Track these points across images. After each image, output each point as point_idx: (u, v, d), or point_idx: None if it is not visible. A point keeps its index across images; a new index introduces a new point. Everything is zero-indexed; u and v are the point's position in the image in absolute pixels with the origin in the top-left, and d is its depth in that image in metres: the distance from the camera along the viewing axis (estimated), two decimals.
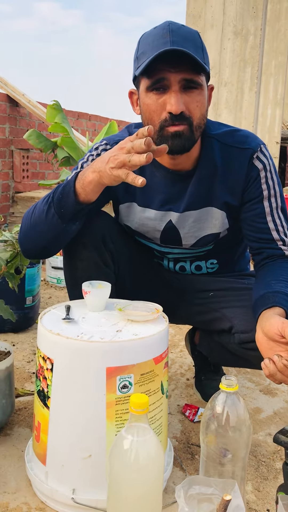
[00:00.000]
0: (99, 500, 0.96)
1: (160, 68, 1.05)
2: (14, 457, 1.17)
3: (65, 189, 1.10)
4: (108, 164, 1.01)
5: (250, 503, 1.07)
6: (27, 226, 1.18)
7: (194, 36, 1.08)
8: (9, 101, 3.80)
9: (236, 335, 1.22)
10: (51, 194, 1.13)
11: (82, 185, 1.08)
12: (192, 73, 1.06)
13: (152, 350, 0.99)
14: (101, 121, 5.22)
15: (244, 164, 1.19)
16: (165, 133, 1.10)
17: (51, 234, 1.15)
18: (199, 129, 1.13)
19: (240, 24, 4.07)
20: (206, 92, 1.13)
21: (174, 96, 1.06)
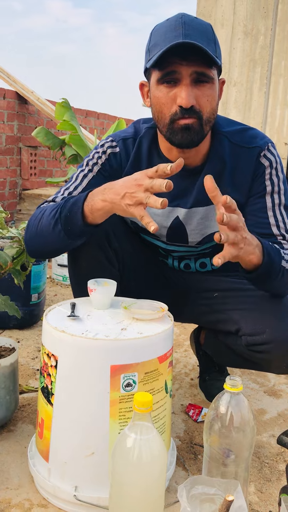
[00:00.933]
0: (101, 497, 0.96)
1: (171, 61, 1.05)
2: (17, 453, 1.17)
3: (73, 208, 1.08)
4: (124, 199, 0.99)
5: (253, 504, 1.06)
6: (33, 231, 1.17)
7: (207, 29, 1.08)
8: (18, 98, 3.81)
9: (243, 338, 1.21)
10: (59, 209, 1.11)
11: (90, 210, 1.06)
12: (204, 67, 1.06)
13: (156, 349, 0.99)
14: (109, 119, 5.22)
15: (251, 162, 1.20)
16: (175, 126, 1.10)
17: (56, 245, 1.16)
18: (208, 123, 1.12)
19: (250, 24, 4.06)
20: (217, 86, 1.13)
21: (185, 89, 1.06)
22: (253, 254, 1.03)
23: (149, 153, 1.25)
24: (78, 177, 1.24)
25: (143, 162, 1.25)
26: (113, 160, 1.25)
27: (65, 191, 1.23)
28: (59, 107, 3.07)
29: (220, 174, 1.21)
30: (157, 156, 1.25)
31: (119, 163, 1.25)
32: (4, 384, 1.20)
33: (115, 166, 1.25)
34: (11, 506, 1.00)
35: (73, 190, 1.22)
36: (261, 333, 1.15)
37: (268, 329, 1.14)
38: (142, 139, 1.25)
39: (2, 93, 3.62)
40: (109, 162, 1.25)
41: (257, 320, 1.18)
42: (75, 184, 1.23)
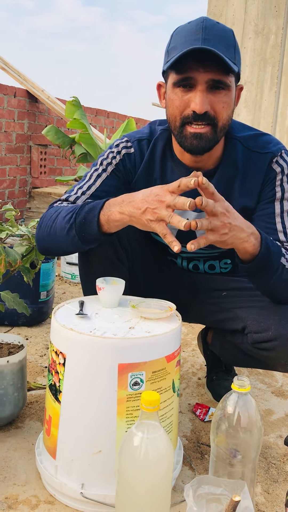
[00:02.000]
0: (107, 495, 0.96)
1: (188, 65, 1.05)
2: (25, 449, 1.18)
3: (88, 215, 1.08)
4: (145, 215, 0.98)
5: (259, 505, 1.06)
6: (46, 231, 1.17)
7: (228, 35, 1.07)
8: (29, 96, 3.83)
9: (249, 335, 1.21)
10: (74, 214, 1.10)
11: (107, 220, 1.06)
12: (221, 74, 1.05)
13: (164, 348, 0.99)
14: (119, 118, 5.22)
15: (263, 168, 1.19)
16: (184, 131, 1.11)
17: (69, 248, 1.16)
18: (223, 130, 1.12)
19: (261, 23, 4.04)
20: (234, 92, 1.12)
21: (200, 95, 1.06)
22: (246, 242, 1.02)
23: (162, 156, 1.25)
24: (92, 176, 1.24)
25: (157, 164, 1.25)
26: (127, 161, 1.25)
27: (79, 190, 1.23)
28: (69, 106, 3.08)
29: (232, 179, 1.21)
30: (171, 159, 1.24)
31: (133, 164, 1.25)
32: (12, 381, 1.21)
33: (128, 167, 1.25)
34: (18, 502, 1.01)
35: (87, 189, 1.22)
36: (266, 331, 1.15)
37: (273, 326, 1.14)
38: (156, 141, 1.25)
39: (12, 91, 3.64)
40: (123, 162, 1.25)
41: (263, 317, 1.17)
42: (88, 183, 1.23)
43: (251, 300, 1.24)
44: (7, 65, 3.98)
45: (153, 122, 1.31)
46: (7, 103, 3.58)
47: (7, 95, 3.58)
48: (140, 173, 1.25)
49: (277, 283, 1.11)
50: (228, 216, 0.98)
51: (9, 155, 3.69)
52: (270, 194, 1.19)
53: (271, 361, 1.19)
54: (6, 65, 3.98)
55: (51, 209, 1.19)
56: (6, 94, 3.56)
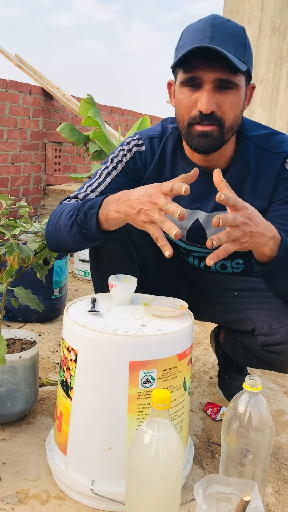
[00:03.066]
0: (117, 492, 0.97)
1: (195, 64, 1.03)
2: (36, 445, 1.18)
3: (88, 213, 1.07)
4: (139, 215, 0.96)
5: (270, 505, 1.05)
6: (52, 228, 1.17)
7: (238, 33, 1.05)
8: (44, 94, 3.84)
9: (258, 337, 1.20)
10: (76, 211, 1.09)
11: (105, 218, 1.05)
12: (228, 73, 1.03)
13: (176, 346, 0.99)
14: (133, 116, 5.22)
15: (276, 168, 1.17)
16: (192, 131, 1.10)
17: (73, 245, 1.16)
18: (231, 130, 1.11)
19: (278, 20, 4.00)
20: (244, 92, 1.10)
21: (206, 95, 1.04)
22: (265, 246, 0.99)
23: (173, 154, 1.24)
24: (102, 174, 1.24)
25: (167, 163, 1.24)
26: (137, 159, 1.24)
27: (88, 188, 1.23)
28: (83, 103, 3.09)
29: (244, 179, 1.19)
30: (181, 158, 1.24)
31: (144, 162, 1.25)
32: (24, 377, 1.22)
33: (139, 165, 1.24)
34: (29, 497, 1.01)
35: (96, 187, 1.22)
36: (276, 333, 1.14)
37: (283, 329, 1.13)
38: (167, 139, 1.25)
39: (28, 89, 3.66)
40: (134, 160, 1.24)
41: (273, 320, 1.16)
42: (98, 181, 1.23)
43: (262, 301, 1.23)
44: (23, 63, 4.00)
45: (165, 120, 1.30)
46: (22, 100, 3.60)
47: (23, 92, 3.60)
48: (151, 171, 1.24)
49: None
50: (250, 224, 0.93)
51: (24, 152, 3.71)
52: (283, 195, 1.17)
53: (280, 364, 1.18)
54: (22, 63, 4.00)
55: (58, 206, 1.20)
56: (21, 91, 3.58)
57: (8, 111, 3.47)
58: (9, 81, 3.45)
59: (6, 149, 3.50)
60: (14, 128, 3.56)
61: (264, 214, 1.20)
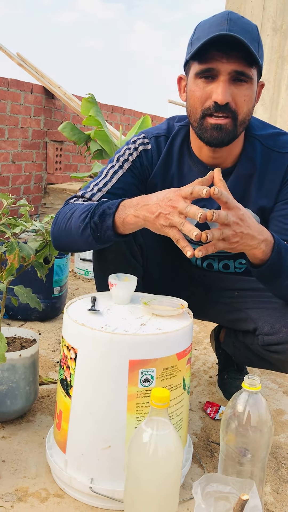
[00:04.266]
0: (116, 490, 0.97)
1: (212, 56, 1.04)
2: (35, 443, 1.19)
3: (104, 216, 1.06)
4: (159, 219, 0.98)
5: (268, 504, 1.05)
6: (62, 228, 1.16)
7: (252, 29, 1.06)
8: (45, 93, 3.84)
9: (260, 337, 1.20)
10: (90, 214, 1.09)
11: (122, 222, 1.05)
12: (244, 65, 1.04)
13: (175, 345, 0.99)
14: (135, 115, 5.22)
15: (282, 167, 1.18)
16: (205, 123, 1.10)
17: (83, 246, 1.16)
18: (243, 124, 1.11)
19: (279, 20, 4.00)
20: (256, 87, 1.11)
21: (222, 86, 1.05)
22: (255, 248, 1.00)
23: (180, 152, 1.24)
24: (108, 173, 1.23)
25: (174, 161, 1.24)
26: (144, 158, 1.24)
27: (95, 187, 1.22)
28: (85, 102, 3.09)
29: (250, 177, 1.20)
30: (188, 156, 1.24)
31: (150, 161, 1.24)
32: (24, 375, 1.22)
33: (145, 164, 1.24)
34: (28, 494, 1.02)
35: (103, 186, 1.21)
36: (277, 333, 1.14)
37: (284, 329, 1.13)
38: (174, 137, 1.25)
39: (29, 87, 3.66)
40: (140, 159, 1.24)
41: (274, 320, 1.16)
42: (104, 180, 1.22)
43: (263, 301, 1.23)
44: (25, 62, 4.00)
45: (172, 118, 1.30)
46: (24, 99, 3.60)
47: (24, 91, 3.60)
48: (157, 169, 1.24)
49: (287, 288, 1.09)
50: (241, 225, 0.95)
51: (25, 151, 3.71)
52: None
53: (281, 363, 1.18)
54: (24, 62, 4.00)
55: (66, 206, 1.19)
56: (23, 90, 3.58)
57: (10, 110, 3.48)
58: (11, 80, 3.45)
59: (7, 147, 3.50)
60: (15, 126, 3.56)
61: (269, 213, 1.20)
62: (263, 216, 1.22)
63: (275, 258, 1.02)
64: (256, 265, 1.06)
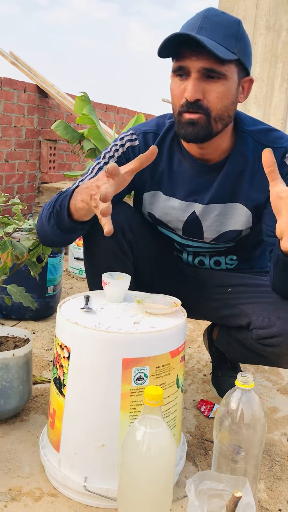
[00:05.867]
0: (110, 489, 0.97)
1: (184, 54, 1.06)
2: (29, 442, 1.18)
3: (62, 204, 1.10)
4: (92, 202, 1.01)
5: (262, 502, 1.06)
6: (39, 222, 1.21)
7: (231, 24, 1.07)
8: (39, 91, 3.83)
9: (254, 331, 1.20)
10: (53, 203, 1.13)
11: (74, 208, 1.08)
12: (213, 62, 1.04)
13: (169, 344, 0.99)
14: (129, 114, 5.21)
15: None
16: (181, 119, 1.12)
17: (54, 238, 1.19)
18: (220, 121, 1.11)
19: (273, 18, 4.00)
20: (235, 83, 1.10)
21: (191, 83, 1.06)
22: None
23: (170, 148, 1.25)
24: (94, 170, 1.25)
25: (164, 156, 1.25)
26: (130, 154, 1.25)
27: (80, 183, 1.24)
28: (78, 101, 3.08)
29: (242, 173, 1.20)
30: (179, 151, 1.25)
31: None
32: (17, 374, 1.22)
33: (132, 159, 1.25)
34: (21, 494, 1.01)
35: None
36: (271, 326, 1.14)
37: (278, 322, 1.13)
38: (165, 133, 1.26)
39: (23, 86, 3.65)
40: (126, 155, 1.25)
41: (268, 313, 1.17)
42: (90, 176, 1.24)
43: (256, 296, 1.24)
44: (18, 60, 3.99)
45: (163, 116, 1.31)
46: (17, 98, 3.59)
47: (17, 90, 3.59)
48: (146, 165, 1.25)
49: None
50: None
51: (19, 150, 3.70)
52: None
53: (276, 357, 1.19)
54: (17, 60, 3.99)
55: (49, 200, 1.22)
56: (16, 89, 3.57)
57: (3, 109, 3.46)
58: (4, 79, 3.44)
59: (1, 146, 3.49)
60: (8, 125, 3.55)
61: (263, 208, 1.21)
62: (256, 211, 1.22)
63: None
64: None
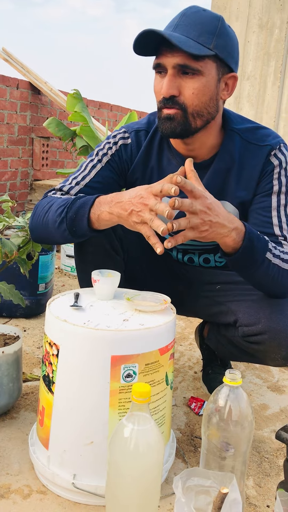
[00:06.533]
0: (99, 486, 0.97)
1: (161, 51, 1.07)
2: (19, 440, 1.18)
3: (79, 211, 1.08)
4: (131, 217, 1.00)
5: (251, 498, 1.06)
6: (39, 221, 1.18)
7: (208, 20, 1.07)
8: (31, 88, 3.81)
9: (240, 328, 1.21)
10: (66, 208, 1.10)
11: (97, 218, 1.07)
12: (187, 59, 1.05)
13: (157, 341, 0.99)
14: (122, 111, 5.20)
15: (261, 160, 1.19)
16: (160, 115, 1.13)
17: (60, 240, 1.18)
18: (198, 117, 1.11)
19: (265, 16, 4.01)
20: (214, 79, 1.09)
21: (167, 79, 1.08)
22: (227, 237, 1.02)
23: (160, 146, 1.25)
24: (87, 167, 1.25)
25: (154, 154, 1.25)
26: (123, 152, 1.25)
27: (73, 180, 1.23)
28: (70, 98, 3.07)
29: (229, 170, 1.21)
30: (167, 149, 1.25)
31: (129, 155, 1.26)
32: (7, 372, 1.21)
33: (124, 158, 1.25)
34: (10, 491, 1.01)
35: (81, 180, 1.23)
36: (256, 324, 1.15)
37: (263, 320, 1.14)
38: (155, 131, 1.26)
39: (15, 83, 3.63)
40: (119, 153, 1.25)
41: (254, 311, 1.17)
42: (83, 173, 1.24)
43: (244, 293, 1.24)
44: (11, 57, 3.97)
45: (153, 113, 1.31)
46: (9, 95, 3.57)
47: (10, 86, 3.57)
48: (137, 163, 1.25)
49: (262, 277, 1.11)
50: (209, 214, 0.97)
51: (11, 147, 3.69)
52: (267, 187, 1.18)
53: (261, 354, 1.19)
54: (10, 57, 3.97)
55: (45, 199, 1.20)
56: (8, 85, 3.55)
57: None
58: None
59: None
60: (1, 122, 3.53)
61: (249, 205, 1.21)
62: (242, 209, 1.23)
63: (247, 247, 1.04)
64: (228, 254, 1.08)
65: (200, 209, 0.96)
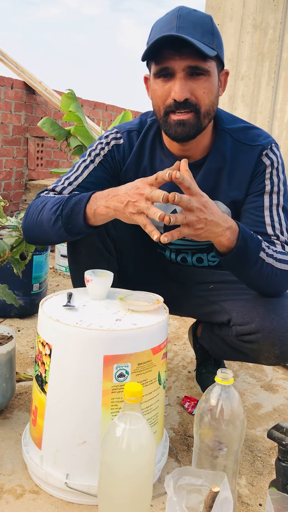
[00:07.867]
0: (91, 486, 0.97)
1: (166, 55, 1.05)
2: (12, 440, 1.18)
3: (75, 208, 1.09)
4: (128, 208, 1.00)
5: (243, 497, 1.07)
6: (33, 220, 1.18)
7: (204, 21, 1.07)
8: (26, 88, 3.81)
9: (233, 328, 1.21)
10: (61, 205, 1.11)
11: (93, 214, 1.07)
12: (197, 60, 1.05)
13: (150, 340, 0.99)
14: (117, 111, 5.20)
15: (252, 160, 1.19)
16: (169, 120, 1.11)
17: (55, 238, 1.18)
18: (207, 116, 1.12)
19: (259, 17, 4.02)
20: (216, 78, 1.12)
21: (178, 83, 1.06)
22: (221, 236, 1.03)
23: (152, 146, 1.26)
24: (80, 167, 1.25)
25: (146, 154, 1.25)
26: (115, 152, 1.25)
27: (66, 181, 1.23)
28: (65, 98, 3.07)
29: (221, 170, 1.21)
30: (160, 149, 1.25)
31: (122, 155, 1.26)
32: (0, 372, 1.21)
33: (117, 158, 1.26)
34: (3, 491, 1.01)
35: (74, 180, 1.23)
36: (250, 323, 1.15)
37: (257, 319, 1.14)
38: (147, 131, 1.26)
39: (10, 83, 3.62)
40: (111, 154, 1.25)
41: (247, 310, 1.18)
42: (76, 174, 1.24)
43: (237, 293, 1.25)
44: (5, 56, 3.96)
45: (145, 114, 1.32)
46: (4, 94, 3.57)
47: (4, 86, 3.56)
48: (129, 164, 1.25)
49: (256, 277, 1.11)
50: (204, 212, 0.98)
51: (6, 147, 3.68)
52: (260, 187, 1.19)
53: (255, 353, 1.20)
54: (4, 56, 3.96)
55: (38, 199, 1.20)
56: (3, 85, 3.55)
57: None
58: None
59: None
60: None
61: (241, 205, 1.22)
62: (235, 208, 1.23)
63: (241, 246, 1.05)
64: (223, 253, 1.08)
65: (196, 206, 0.96)
